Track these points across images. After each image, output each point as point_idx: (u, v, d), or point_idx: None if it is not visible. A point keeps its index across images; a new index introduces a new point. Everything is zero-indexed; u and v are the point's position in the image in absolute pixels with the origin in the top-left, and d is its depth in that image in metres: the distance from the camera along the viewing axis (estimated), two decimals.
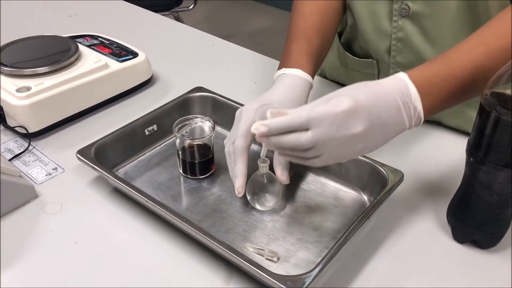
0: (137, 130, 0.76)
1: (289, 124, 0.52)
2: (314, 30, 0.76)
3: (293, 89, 0.68)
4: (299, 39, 0.75)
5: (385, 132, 0.55)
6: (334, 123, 0.51)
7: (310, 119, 0.51)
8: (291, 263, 0.59)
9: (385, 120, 0.54)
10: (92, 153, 0.69)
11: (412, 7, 0.74)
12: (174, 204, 0.67)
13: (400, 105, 0.54)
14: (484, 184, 0.56)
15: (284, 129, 0.53)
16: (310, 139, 0.52)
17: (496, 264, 0.60)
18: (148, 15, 1.31)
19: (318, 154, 0.53)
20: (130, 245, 0.62)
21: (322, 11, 0.78)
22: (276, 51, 1.08)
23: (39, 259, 0.60)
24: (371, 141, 0.54)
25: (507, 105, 0.50)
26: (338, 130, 0.51)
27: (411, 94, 0.55)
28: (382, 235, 0.64)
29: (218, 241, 0.56)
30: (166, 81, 0.98)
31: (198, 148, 0.72)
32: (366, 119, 0.52)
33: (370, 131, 0.52)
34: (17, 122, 0.79)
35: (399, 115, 0.55)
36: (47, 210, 0.67)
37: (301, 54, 0.72)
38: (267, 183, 0.65)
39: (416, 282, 0.58)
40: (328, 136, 0.51)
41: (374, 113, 0.53)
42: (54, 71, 0.83)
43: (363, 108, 0.52)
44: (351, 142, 0.53)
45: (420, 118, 0.56)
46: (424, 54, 0.78)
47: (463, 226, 0.62)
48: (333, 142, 0.52)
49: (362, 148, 0.54)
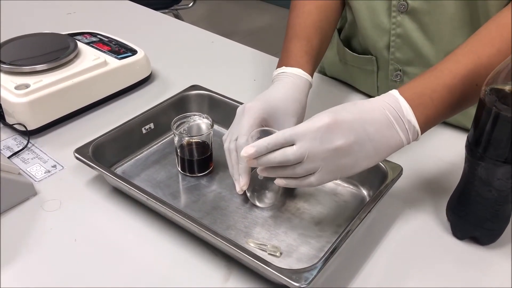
0: (134, 129, 0.76)
1: (275, 142, 0.55)
2: (313, 29, 0.76)
3: (293, 88, 0.68)
4: (298, 38, 0.75)
5: (376, 147, 0.56)
6: (317, 137, 0.54)
7: (293, 134, 0.54)
8: (293, 258, 0.59)
9: (373, 134, 0.55)
10: (90, 152, 0.69)
11: (410, 3, 0.74)
12: (174, 202, 0.67)
13: (391, 120, 0.56)
14: (484, 180, 0.56)
15: (271, 146, 0.56)
16: (295, 152, 0.54)
17: (496, 261, 0.60)
18: (148, 13, 1.31)
19: (309, 169, 0.55)
20: (129, 243, 0.62)
21: (320, 10, 0.78)
22: (276, 48, 1.08)
23: (38, 256, 0.60)
24: (362, 156, 0.55)
25: (506, 101, 0.50)
26: (321, 143, 0.54)
27: (402, 107, 0.56)
28: (382, 232, 0.64)
29: (221, 237, 0.56)
30: (165, 78, 0.98)
31: (197, 146, 0.72)
32: (348, 132, 0.54)
33: (355, 144, 0.54)
34: (16, 119, 0.78)
35: (391, 129, 0.56)
36: (46, 207, 0.67)
37: (301, 53, 0.73)
38: (267, 180, 0.65)
39: (416, 278, 0.58)
40: (313, 149, 0.54)
41: (358, 127, 0.55)
42: (53, 69, 0.82)
43: (344, 122, 0.54)
44: (338, 156, 0.55)
45: (417, 131, 0.57)
46: (423, 50, 0.78)
47: (462, 223, 0.62)
48: (319, 156, 0.54)
49: (354, 163, 0.56)
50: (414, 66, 0.81)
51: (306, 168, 0.55)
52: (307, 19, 0.77)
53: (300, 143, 0.54)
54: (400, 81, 0.84)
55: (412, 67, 0.81)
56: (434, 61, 0.78)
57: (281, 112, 0.65)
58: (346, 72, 0.94)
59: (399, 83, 0.84)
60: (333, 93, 0.94)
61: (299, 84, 0.69)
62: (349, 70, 0.93)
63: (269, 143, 0.56)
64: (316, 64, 0.75)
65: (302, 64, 0.71)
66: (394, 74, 0.83)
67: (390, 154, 0.57)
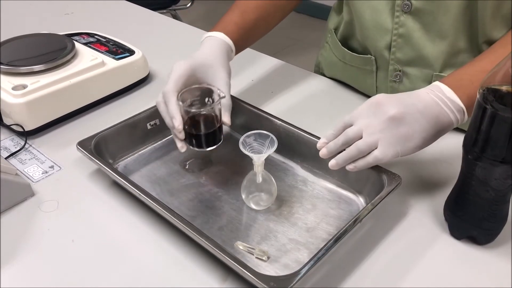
0: (139, 124, 0.76)
1: (338, 128, 0.64)
2: (253, 5, 0.82)
3: (218, 47, 0.75)
4: (234, 10, 0.82)
5: (429, 121, 0.60)
6: (370, 113, 0.61)
7: (351, 117, 0.63)
8: (280, 263, 0.59)
9: (422, 109, 0.60)
10: (92, 145, 0.69)
11: (414, 3, 0.74)
12: (170, 199, 0.67)
13: (436, 100, 0.61)
14: (481, 180, 0.56)
15: (336, 132, 0.64)
16: (355, 128, 0.62)
17: (493, 260, 0.60)
18: (145, 13, 1.31)
19: (371, 143, 0.60)
20: (127, 242, 0.62)
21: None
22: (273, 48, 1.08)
23: (35, 257, 0.60)
24: (417, 127, 0.60)
25: (504, 101, 0.50)
26: (375, 116, 0.61)
27: (443, 90, 0.62)
28: (379, 231, 0.64)
29: (206, 237, 0.56)
30: (163, 79, 0.98)
31: (204, 118, 0.69)
32: (398, 104, 0.60)
33: (407, 115, 0.60)
34: (13, 120, 0.78)
35: (437, 106, 0.61)
36: (43, 208, 0.67)
37: (230, 23, 0.80)
38: (262, 183, 0.65)
39: (413, 278, 0.58)
40: (369, 122, 0.61)
41: (407, 101, 0.61)
42: (50, 69, 0.82)
43: (393, 98, 0.61)
44: (394, 125, 0.60)
45: (462, 108, 0.62)
46: (424, 51, 0.78)
47: (460, 222, 0.62)
48: (376, 127, 0.60)
49: (412, 133, 0.60)
50: (414, 66, 0.81)
51: (368, 142, 0.60)
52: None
53: (357, 121, 0.62)
54: (399, 82, 0.84)
55: (412, 67, 0.81)
56: (434, 62, 0.78)
57: (209, 64, 0.72)
58: (344, 72, 0.94)
59: (399, 84, 0.84)
60: (332, 94, 0.94)
61: (221, 45, 0.75)
62: (347, 70, 0.93)
63: (335, 130, 0.64)
64: (245, 37, 0.81)
65: (227, 31, 0.78)
66: (394, 75, 0.83)
67: (443, 131, 0.63)
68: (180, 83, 0.69)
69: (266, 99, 0.90)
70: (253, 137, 0.63)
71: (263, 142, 0.63)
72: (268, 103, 0.89)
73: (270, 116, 0.77)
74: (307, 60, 1.32)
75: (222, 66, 0.73)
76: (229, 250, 0.56)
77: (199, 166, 0.74)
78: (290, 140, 0.73)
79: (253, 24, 0.82)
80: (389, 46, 0.81)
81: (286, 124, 0.75)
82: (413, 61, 0.80)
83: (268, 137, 0.63)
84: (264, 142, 0.63)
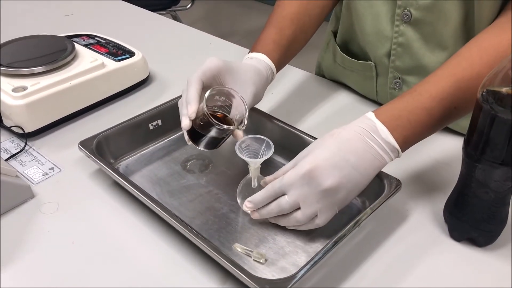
0: (141, 124, 0.77)
1: (268, 195, 0.59)
2: (289, 20, 0.78)
3: (255, 66, 0.71)
4: (271, 27, 0.78)
5: (362, 173, 0.57)
6: (304, 183, 0.56)
7: (282, 185, 0.58)
8: (278, 266, 0.58)
9: (356, 163, 0.56)
10: (93, 145, 0.69)
11: (414, 14, 0.74)
12: (170, 199, 0.67)
13: (371, 144, 0.58)
14: (481, 182, 0.56)
15: (266, 199, 0.60)
16: (289, 201, 0.58)
17: (493, 262, 0.60)
18: (145, 14, 1.31)
19: (309, 215, 0.58)
20: (127, 244, 0.62)
21: (301, 2, 0.80)
22: None
23: (35, 259, 0.60)
24: (351, 186, 0.57)
25: (503, 103, 0.51)
26: (310, 188, 0.56)
27: (379, 130, 0.58)
28: (379, 233, 0.64)
29: (203, 239, 0.56)
30: (163, 80, 0.98)
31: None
32: (332, 171, 0.56)
33: (342, 179, 0.56)
34: (14, 122, 0.78)
35: (372, 153, 0.57)
36: (43, 210, 0.67)
37: (269, 41, 0.76)
38: (258, 188, 0.64)
39: (413, 280, 0.58)
40: (304, 195, 0.57)
41: (340, 162, 0.56)
42: (51, 71, 0.82)
43: (326, 162, 0.56)
44: (330, 194, 0.56)
45: (397, 150, 0.59)
46: (423, 60, 0.77)
47: (460, 224, 0.62)
48: (313, 199, 0.57)
49: (347, 195, 0.57)
50: (414, 75, 0.80)
51: (306, 214, 0.58)
52: (284, 10, 0.79)
53: (290, 192, 0.57)
54: (399, 89, 0.83)
55: (412, 76, 0.81)
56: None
57: (241, 76, 0.68)
58: (344, 75, 0.94)
59: (398, 91, 0.84)
60: (333, 96, 0.94)
61: (260, 67, 0.72)
62: (347, 73, 0.93)
63: (263, 196, 0.59)
64: (285, 53, 0.77)
65: (267, 51, 0.74)
66: (393, 82, 0.83)
67: (377, 172, 0.59)
68: (207, 74, 0.66)
69: (266, 100, 0.90)
70: (249, 142, 0.63)
71: (259, 147, 0.63)
72: (268, 104, 0.89)
73: (270, 118, 0.77)
74: (307, 62, 1.32)
75: (252, 84, 0.69)
76: (226, 252, 0.56)
77: (200, 167, 0.74)
78: (290, 142, 0.73)
79: (292, 39, 0.78)
80: (389, 54, 0.81)
81: (286, 125, 0.75)
82: (412, 70, 0.80)
83: (264, 142, 0.63)
84: (260, 147, 0.63)
